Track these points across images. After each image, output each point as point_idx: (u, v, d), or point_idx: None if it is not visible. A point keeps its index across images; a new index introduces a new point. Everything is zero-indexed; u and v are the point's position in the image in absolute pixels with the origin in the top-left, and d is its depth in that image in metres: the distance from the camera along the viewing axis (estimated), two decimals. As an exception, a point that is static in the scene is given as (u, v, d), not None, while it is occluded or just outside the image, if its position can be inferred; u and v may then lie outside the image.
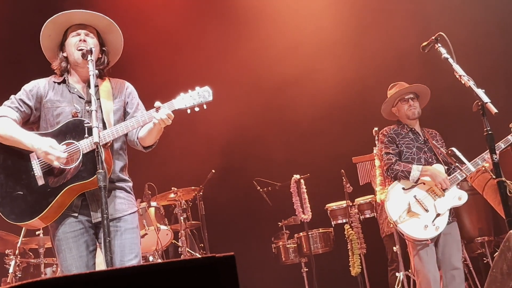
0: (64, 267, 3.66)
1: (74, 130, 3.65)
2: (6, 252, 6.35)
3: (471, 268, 6.82)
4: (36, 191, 3.62)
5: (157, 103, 3.65)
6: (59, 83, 3.90)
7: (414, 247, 5.34)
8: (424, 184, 5.37)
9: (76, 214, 3.69)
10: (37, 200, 3.60)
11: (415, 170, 5.35)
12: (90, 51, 3.72)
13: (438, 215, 5.25)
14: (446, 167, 5.45)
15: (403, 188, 5.40)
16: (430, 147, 5.58)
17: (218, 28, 8.75)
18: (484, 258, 7.01)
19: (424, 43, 4.39)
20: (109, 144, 3.72)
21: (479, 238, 7.00)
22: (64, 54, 3.91)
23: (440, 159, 5.50)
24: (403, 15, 8.19)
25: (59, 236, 3.68)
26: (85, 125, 3.63)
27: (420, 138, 5.62)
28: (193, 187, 7.63)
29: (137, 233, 3.84)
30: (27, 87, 3.88)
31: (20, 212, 3.60)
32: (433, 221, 5.22)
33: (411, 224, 5.26)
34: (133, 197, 3.95)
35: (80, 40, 3.83)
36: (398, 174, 5.41)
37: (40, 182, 3.62)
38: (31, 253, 6.82)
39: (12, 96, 3.83)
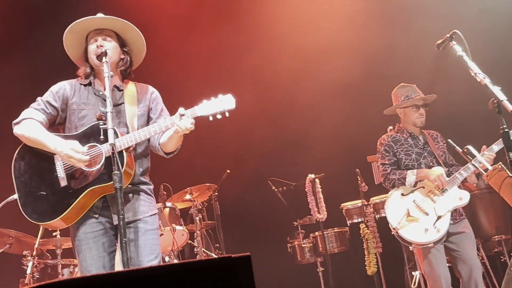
0: (83, 267, 3.71)
1: (98, 133, 3.69)
2: (24, 253, 6.40)
3: (488, 267, 6.77)
4: (59, 192, 3.68)
5: (181, 110, 3.68)
6: (85, 85, 3.95)
7: (421, 251, 5.35)
8: (423, 188, 5.38)
9: (97, 215, 3.75)
10: (59, 200, 3.66)
11: (410, 175, 5.39)
12: (105, 53, 3.77)
13: (439, 217, 5.23)
14: (446, 169, 5.44)
15: (402, 194, 5.43)
16: (430, 150, 5.56)
17: (231, 32, 8.75)
18: (502, 257, 6.96)
19: (439, 41, 4.36)
20: (131, 148, 3.77)
21: (496, 236, 6.95)
22: (89, 61, 3.97)
23: (440, 161, 5.48)
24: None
25: (79, 236, 3.74)
26: (101, 126, 3.67)
27: (420, 143, 5.60)
28: (207, 184, 7.65)
29: (157, 235, 3.90)
30: (53, 88, 3.94)
31: (42, 212, 3.67)
32: (434, 224, 5.21)
33: (411, 229, 5.28)
34: (153, 199, 4.02)
35: (98, 46, 3.86)
36: (395, 183, 5.46)
37: (63, 183, 3.68)
38: (48, 254, 6.86)
39: (38, 98, 3.90)
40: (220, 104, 3.70)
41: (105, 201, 3.76)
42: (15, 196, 3.77)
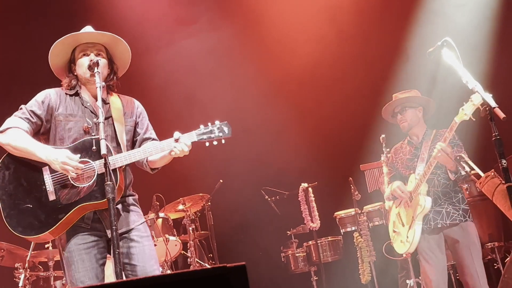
0: (76, 279, 3.65)
1: (89, 148, 3.65)
2: (16, 266, 6.36)
3: (482, 274, 6.77)
4: (46, 206, 3.61)
5: (176, 134, 3.71)
6: (71, 95, 3.89)
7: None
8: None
9: (88, 227, 3.72)
10: (46, 215, 3.60)
11: (387, 189, 5.45)
12: (97, 64, 3.72)
13: (409, 227, 5.22)
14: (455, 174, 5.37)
15: (390, 207, 5.53)
16: (420, 155, 5.35)
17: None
18: (495, 264, 6.95)
19: (430, 49, 4.36)
20: (123, 167, 3.77)
21: (489, 243, 6.94)
22: (74, 73, 3.92)
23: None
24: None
25: (70, 248, 3.68)
26: (93, 137, 3.66)
27: (413, 147, 5.42)
28: (200, 194, 7.63)
29: (151, 241, 3.94)
30: (38, 97, 3.84)
31: (27, 226, 3.60)
32: (406, 235, 5.22)
33: (396, 242, 5.39)
34: (140, 209, 4.02)
35: (91, 60, 3.78)
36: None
37: (52, 197, 3.62)
38: (40, 266, 6.83)
39: (22, 106, 3.80)
40: (217, 131, 3.73)
41: (95, 213, 3.73)
42: None
